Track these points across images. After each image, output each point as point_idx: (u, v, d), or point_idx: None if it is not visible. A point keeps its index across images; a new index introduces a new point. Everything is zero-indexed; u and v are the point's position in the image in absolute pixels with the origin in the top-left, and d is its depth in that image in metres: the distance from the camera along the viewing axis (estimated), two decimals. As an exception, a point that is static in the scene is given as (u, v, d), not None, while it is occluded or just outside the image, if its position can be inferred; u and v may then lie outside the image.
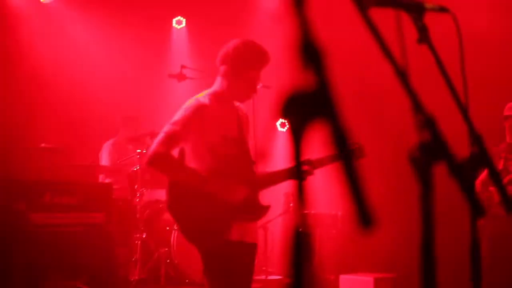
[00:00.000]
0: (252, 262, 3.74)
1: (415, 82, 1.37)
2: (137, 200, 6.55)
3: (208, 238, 3.57)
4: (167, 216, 6.84)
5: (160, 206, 7.07)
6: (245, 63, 3.69)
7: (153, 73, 8.84)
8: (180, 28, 9.63)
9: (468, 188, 1.43)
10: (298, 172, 0.95)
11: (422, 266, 1.30)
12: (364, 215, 0.89)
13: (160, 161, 3.56)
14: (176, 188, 3.61)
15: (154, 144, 3.59)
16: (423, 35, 1.76)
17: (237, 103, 3.89)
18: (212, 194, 3.51)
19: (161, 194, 7.07)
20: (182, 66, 7.48)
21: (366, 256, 7.12)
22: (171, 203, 3.65)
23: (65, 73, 8.11)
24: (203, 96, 3.72)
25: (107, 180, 7.25)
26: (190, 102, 3.68)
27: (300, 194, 0.97)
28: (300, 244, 0.94)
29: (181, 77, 7.46)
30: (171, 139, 3.56)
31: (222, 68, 3.75)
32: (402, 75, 1.36)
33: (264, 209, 3.76)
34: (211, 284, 3.55)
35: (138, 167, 6.68)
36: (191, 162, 3.61)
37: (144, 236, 6.35)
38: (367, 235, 0.89)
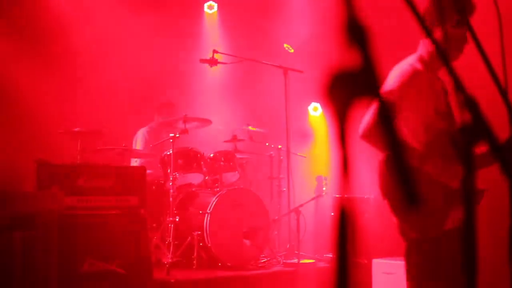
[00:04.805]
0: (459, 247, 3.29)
1: (455, 63, 1.36)
2: (170, 184, 6.59)
3: (426, 227, 3.16)
4: (199, 199, 6.88)
5: (193, 189, 7.11)
6: (452, 19, 3.07)
7: (185, 58, 8.86)
8: (212, 12, 9.63)
9: (509, 169, 1.41)
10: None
11: (463, 248, 1.29)
12: (410, 192, 0.89)
13: (376, 133, 3.11)
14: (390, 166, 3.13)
15: (368, 115, 3.11)
16: (463, 17, 1.74)
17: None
18: (429, 176, 3.09)
19: (194, 178, 7.12)
20: (214, 51, 7.50)
21: (398, 240, 7.07)
22: (385, 183, 3.18)
23: (99, 58, 8.16)
24: (414, 62, 3.28)
25: (140, 164, 7.31)
26: (403, 68, 3.25)
27: (342, 178, 0.97)
28: (338, 227, 0.94)
29: (213, 62, 7.49)
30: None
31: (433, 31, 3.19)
32: (443, 55, 1.34)
33: (481, 194, 3.23)
34: (419, 274, 3.29)
35: (170, 151, 6.71)
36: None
37: (177, 220, 6.40)
38: (412, 212, 0.89)
